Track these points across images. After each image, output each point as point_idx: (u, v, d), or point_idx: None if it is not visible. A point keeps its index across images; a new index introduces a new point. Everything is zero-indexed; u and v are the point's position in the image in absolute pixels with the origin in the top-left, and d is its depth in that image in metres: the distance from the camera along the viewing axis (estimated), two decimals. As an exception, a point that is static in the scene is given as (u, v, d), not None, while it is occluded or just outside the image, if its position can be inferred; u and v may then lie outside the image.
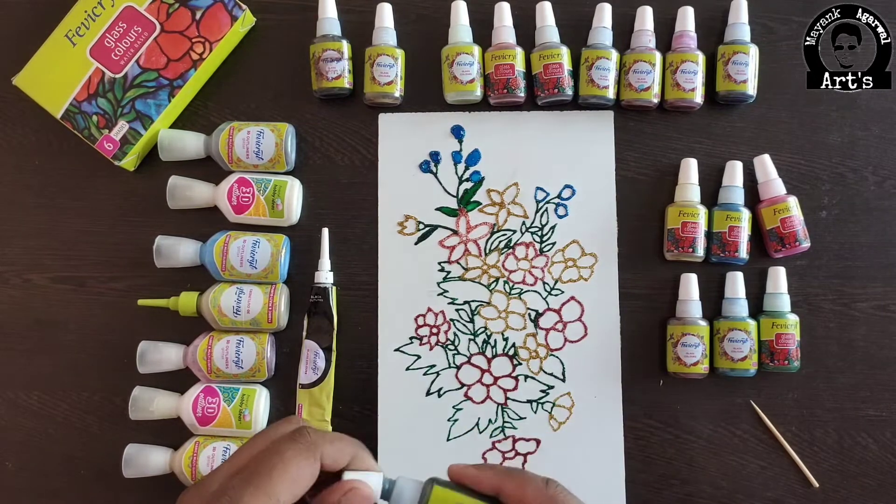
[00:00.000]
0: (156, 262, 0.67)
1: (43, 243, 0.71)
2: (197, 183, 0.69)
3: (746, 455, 0.67)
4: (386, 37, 0.69)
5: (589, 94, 0.69)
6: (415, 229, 0.70)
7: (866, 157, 0.70)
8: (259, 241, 0.67)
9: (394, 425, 0.68)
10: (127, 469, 0.65)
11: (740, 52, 0.67)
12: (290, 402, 0.69)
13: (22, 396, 0.70)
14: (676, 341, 0.66)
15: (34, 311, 0.70)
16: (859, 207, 0.69)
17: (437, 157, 0.71)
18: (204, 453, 0.65)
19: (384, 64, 0.68)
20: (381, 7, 0.70)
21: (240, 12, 0.69)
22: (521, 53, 0.69)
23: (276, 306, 0.67)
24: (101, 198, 0.71)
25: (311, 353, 0.68)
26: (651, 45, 0.69)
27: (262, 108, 0.71)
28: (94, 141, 0.68)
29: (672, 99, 0.69)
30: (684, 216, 0.67)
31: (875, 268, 0.69)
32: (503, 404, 0.69)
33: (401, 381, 0.69)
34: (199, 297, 0.68)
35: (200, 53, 0.69)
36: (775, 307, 0.67)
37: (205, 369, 0.66)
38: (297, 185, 0.69)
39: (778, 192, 0.67)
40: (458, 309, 0.69)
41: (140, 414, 0.67)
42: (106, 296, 0.70)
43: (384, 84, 0.68)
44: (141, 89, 0.68)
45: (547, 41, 0.69)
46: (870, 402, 0.68)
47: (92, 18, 0.68)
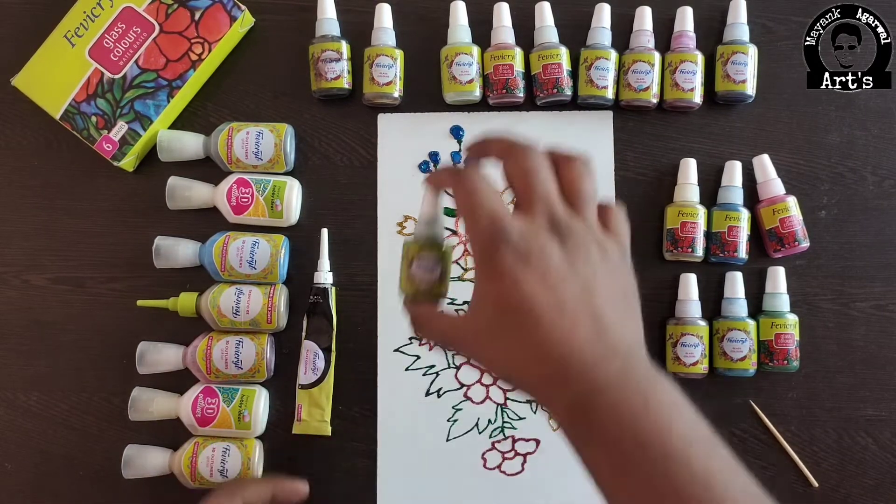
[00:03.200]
0: (155, 262, 0.67)
1: (42, 244, 0.71)
2: (196, 183, 0.69)
3: (746, 455, 0.67)
4: (385, 37, 0.69)
5: (588, 94, 0.69)
6: (414, 229, 0.70)
7: (865, 156, 0.70)
8: (258, 241, 0.67)
9: (393, 425, 0.68)
10: (126, 470, 0.65)
11: (739, 52, 0.67)
12: (289, 403, 0.68)
13: (21, 397, 0.70)
14: (676, 341, 0.66)
15: (33, 312, 0.70)
16: (858, 207, 0.69)
17: (436, 158, 0.71)
18: (203, 454, 0.65)
19: (383, 64, 0.68)
20: (379, 7, 0.70)
21: (239, 13, 0.69)
22: (521, 54, 0.69)
23: (275, 307, 0.67)
24: (100, 198, 0.71)
25: (310, 354, 0.68)
26: (650, 46, 0.69)
27: (261, 108, 0.71)
28: (93, 141, 0.68)
29: (671, 99, 0.69)
30: (683, 216, 0.67)
31: (874, 267, 0.69)
32: (503, 404, 0.69)
33: (400, 381, 0.69)
34: (199, 297, 0.68)
35: (199, 54, 0.69)
36: (774, 307, 0.67)
37: (204, 370, 0.66)
38: (296, 185, 0.69)
39: (777, 192, 0.67)
40: (458, 309, 0.69)
41: (139, 415, 0.66)
42: (105, 296, 0.70)
43: (383, 84, 0.68)
44: (140, 90, 0.68)
45: (546, 41, 0.69)
46: (869, 402, 0.68)
47: (91, 19, 0.68)
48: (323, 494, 0.68)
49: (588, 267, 0.39)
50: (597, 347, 0.37)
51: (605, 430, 0.36)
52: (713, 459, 0.35)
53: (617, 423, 0.36)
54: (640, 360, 0.38)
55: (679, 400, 0.37)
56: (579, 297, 0.38)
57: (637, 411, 0.35)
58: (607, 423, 0.36)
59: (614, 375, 0.36)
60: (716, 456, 0.35)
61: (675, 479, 0.33)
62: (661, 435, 0.35)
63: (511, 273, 0.38)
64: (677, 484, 0.33)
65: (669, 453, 0.34)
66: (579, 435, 0.38)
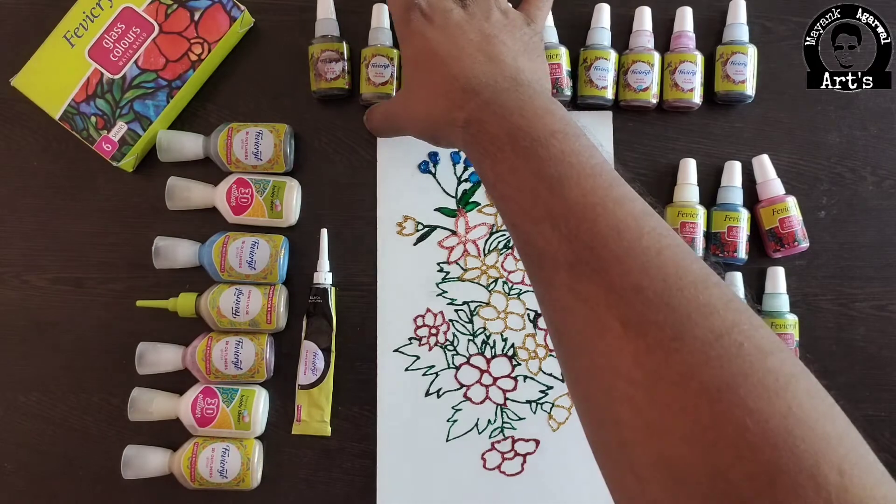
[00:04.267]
0: (154, 263, 0.67)
1: (41, 244, 0.71)
2: (195, 184, 0.69)
3: (746, 455, 0.67)
4: (382, 37, 0.69)
5: (587, 94, 0.69)
6: (414, 230, 0.70)
7: (865, 157, 0.70)
8: (258, 241, 0.67)
9: (393, 426, 0.68)
10: (126, 470, 0.65)
11: (739, 53, 0.67)
12: (289, 403, 0.68)
13: (20, 398, 0.70)
14: (675, 342, 0.66)
15: (32, 313, 0.70)
16: (858, 207, 0.69)
17: (435, 158, 0.71)
18: (203, 454, 0.65)
19: (379, 64, 0.68)
20: (376, 7, 0.70)
21: (238, 13, 0.69)
22: (520, 54, 0.69)
23: (274, 307, 0.66)
24: (99, 199, 0.71)
25: (310, 354, 0.68)
26: (650, 46, 0.69)
27: (260, 108, 0.71)
28: (92, 142, 0.68)
29: (671, 99, 0.69)
30: (683, 216, 0.67)
31: (874, 268, 0.69)
32: (502, 405, 0.69)
33: (400, 381, 0.69)
34: (198, 298, 0.67)
35: (199, 54, 0.68)
36: (774, 307, 0.67)
37: (204, 370, 0.66)
38: (295, 185, 0.69)
39: (776, 193, 0.67)
40: (458, 309, 0.69)
41: (139, 415, 0.66)
42: (104, 297, 0.70)
43: (379, 84, 0.68)
44: (139, 90, 0.68)
45: (545, 41, 0.69)
46: (869, 402, 0.68)
47: (90, 19, 0.68)
48: (323, 494, 0.68)
49: (488, 23, 0.49)
50: (491, 74, 0.45)
51: (490, 135, 0.42)
52: (570, 143, 0.40)
53: (497, 125, 0.42)
54: (538, 91, 0.45)
55: (558, 112, 0.43)
56: (478, 43, 0.48)
57: (513, 110, 0.42)
58: (491, 128, 0.42)
59: (503, 91, 0.44)
60: (575, 142, 0.41)
61: (534, 159, 0.40)
62: (530, 129, 0.41)
63: (419, 31, 0.49)
64: (535, 163, 0.39)
65: (535, 138, 0.40)
66: (475, 150, 0.44)
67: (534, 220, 0.38)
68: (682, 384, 0.31)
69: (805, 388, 0.32)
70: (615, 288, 0.34)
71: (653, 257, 0.35)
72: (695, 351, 0.32)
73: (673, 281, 0.34)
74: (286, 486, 0.68)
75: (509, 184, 0.41)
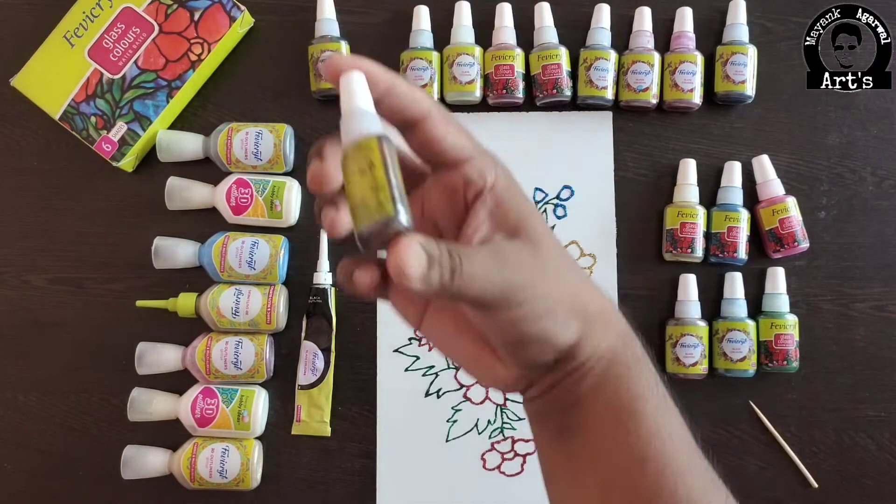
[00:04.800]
0: (154, 263, 0.67)
1: (41, 244, 0.71)
2: (195, 184, 0.69)
3: (746, 456, 0.67)
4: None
5: (587, 94, 0.68)
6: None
7: (865, 157, 0.70)
8: (257, 241, 0.67)
9: (393, 426, 0.68)
10: (125, 470, 0.65)
11: (739, 53, 0.67)
12: (288, 404, 0.68)
13: (20, 398, 0.70)
14: (675, 342, 0.66)
15: (32, 313, 0.70)
16: (858, 208, 0.69)
17: (435, 158, 0.71)
18: (202, 454, 0.65)
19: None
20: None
21: (238, 13, 0.69)
22: (522, 55, 0.69)
23: (274, 307, 0.66)
24: (99, 199, 0.71)
25: (309, 354, 0.68)
26: (649, 46, 0.69)
27: (260, 109, 0.71)
28: (92, 142, 0.68)
29: (670, 99, 0.69)
30: (683, 217, 0.67)
31: (873, 268, 0.69)
32: (502, 405, 0.69)
33: (400, 381, 0.69)
34: (198, 298, 0.67)
35: (199, 54, 0.68)
36: (774, 308, 0.67)
37: (203, 370, 0.66)
38: (295, 185, 0.69)
39: (776, 193, 0.67)
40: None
41: (138, 415, 0.66)
42: (104, 297, 0.70)
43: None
44: (139, 90, 0.68)
45: (545, 42, 0.69)
46: (868, 403, 0.68)
47: (90, 19, 0.68)
48: (323, 495, 0.68)
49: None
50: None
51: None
52: (663, 417, 0.36)
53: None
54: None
55: (644, 361, 0.37)
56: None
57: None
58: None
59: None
60: (668, 415, 0.36)
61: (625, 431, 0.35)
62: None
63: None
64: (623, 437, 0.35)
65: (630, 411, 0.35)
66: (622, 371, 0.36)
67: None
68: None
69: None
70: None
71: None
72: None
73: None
74: (286, 486, 0.68)
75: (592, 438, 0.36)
